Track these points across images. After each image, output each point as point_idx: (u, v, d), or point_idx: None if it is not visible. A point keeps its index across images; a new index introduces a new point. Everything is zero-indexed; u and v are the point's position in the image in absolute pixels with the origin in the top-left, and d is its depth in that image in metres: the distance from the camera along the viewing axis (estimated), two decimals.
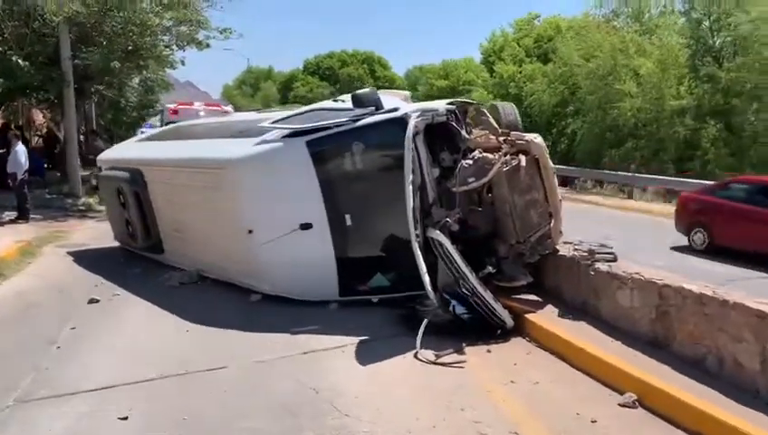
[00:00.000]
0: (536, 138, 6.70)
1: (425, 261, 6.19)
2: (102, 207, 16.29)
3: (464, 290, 6.24)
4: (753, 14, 22.01)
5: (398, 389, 5.02)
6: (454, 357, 5.68)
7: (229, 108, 19.82)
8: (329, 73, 60.55)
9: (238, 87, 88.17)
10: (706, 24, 25.17)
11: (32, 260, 9.84)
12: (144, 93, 26.22)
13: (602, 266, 6.17)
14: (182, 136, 9.58)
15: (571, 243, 7.08)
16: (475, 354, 5.78)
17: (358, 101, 7.00)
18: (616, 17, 27.78)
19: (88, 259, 10.03)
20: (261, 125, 7.42)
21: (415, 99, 11.11)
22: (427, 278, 6.08)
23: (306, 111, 7.62)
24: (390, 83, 61.89)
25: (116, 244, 10.87)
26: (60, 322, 6.74)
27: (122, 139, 18.72)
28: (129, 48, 17.02)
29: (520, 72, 32.13)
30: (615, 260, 6.31)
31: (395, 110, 6.96)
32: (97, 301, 7.55)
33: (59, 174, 18.99)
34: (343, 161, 6.86)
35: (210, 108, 19.30)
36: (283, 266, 7.17)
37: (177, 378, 5.25)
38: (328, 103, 8.12)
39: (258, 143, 7.20)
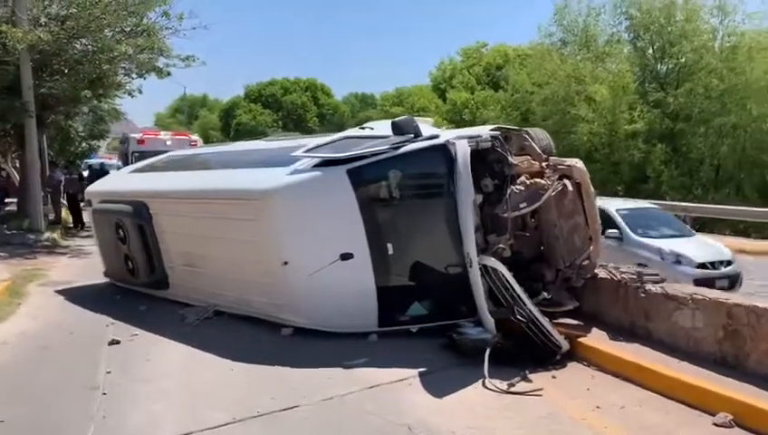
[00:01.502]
0: (578, 162, 6.79)
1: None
2: (68, 242, 15.75)
3: (518, 317, 6.19)
4: (695, 44, 23.36)
5: (491, 421, 4.90)
6: (526, 385, 5.62)
7: (195, 137, 19.35)
8: (271, 101, 60.10)
9: (172, 115, 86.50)
10: (650, 52, 26.46)
11: (21, 301, 9.20)
12: (94, 123, 25.29)
13: (655, 288, 6.26)
14: (190, 166, 9.24)
15: (603, 266, 7.19)
16: (542, 381, 5.73)
17: (397, 129, 6.92)
18: (564, 46, 28.79)
19: (82, 297, 9.45)
20: (293, 154, 7.22)
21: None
22: (485, 305, 6.01)
23: (338, 140, 7.47)
24: (334, 111, 62.19)
25: (103, 280, 10.35)
26: (87, 365, 6.32)
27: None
28: (94, 76, 16.39)
29: (473, 99, 32.81)
30: (663, 281, 6.42)
31: (435, 137, 6.92)
32: (118, 342, 7.11)
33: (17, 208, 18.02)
34: (385, 189, 6.73)
35: (177, 137, 18.78)
36: (319, 298, 6.96)
37: (253, 421, 4.97)
38: (355, 131, 8.00)
39: (293, 172, 7.00)
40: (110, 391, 5.61)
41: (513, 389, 5.53)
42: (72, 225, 18.50)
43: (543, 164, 6.73)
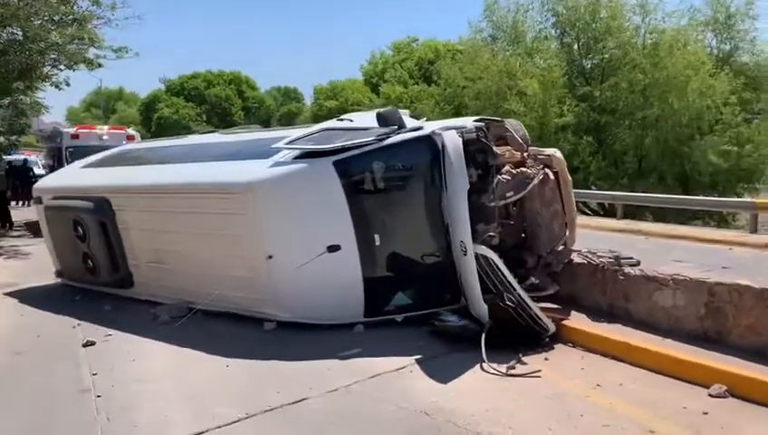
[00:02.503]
0: (557, 152, 7.04)
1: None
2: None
3: (508, 302, 6.36)
4: (620, 40, 24.44)
5: (505, 403, 5.02)
6: (523, 368, 5.79)
7: (132, 132, 18.58)
8: (194, 94, 58.49)
9: (86, 109, 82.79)
10: (575, 47, 27.46)
11: None
12: (14, 117, 23.87)
13: (633, 271, 6.57)
14: (153, 160, 8.93)
15: (577, 251, 7.47)
16: (536, 363, 5.92)
17: (382, 120, 6.95)
18: (494, 41, 29.43)
19: (36, 299, 8.99)
20: (273, 146, 7.12)
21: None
22: (479, 292, 6.15)
23: (318, 131, 7.41)
24: (260, 104, 61.19)
25: (54, 280, 9.88)
26: (68, 368, 6.09)
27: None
28: (24, 67, 15.52)
29: (406, 94, 33.09)
30: (638, 264, 6.75)
31: (420, 128, 6.99)
32: (93, 343, 6.83)
33: None
34: (371, 180, 6.75)
35: (114, 132, 18.00)
36: (304, 291, 6.92)
37: (267, 416, 4.90)
38: (335, 123, 7.94)
39: (275, 164, 6.91)
40: (103, 393, 5.40)
41: (512, 371, 5.69)
42: None
43: (524, 154, 6.93)
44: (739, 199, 20.33)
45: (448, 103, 29.58)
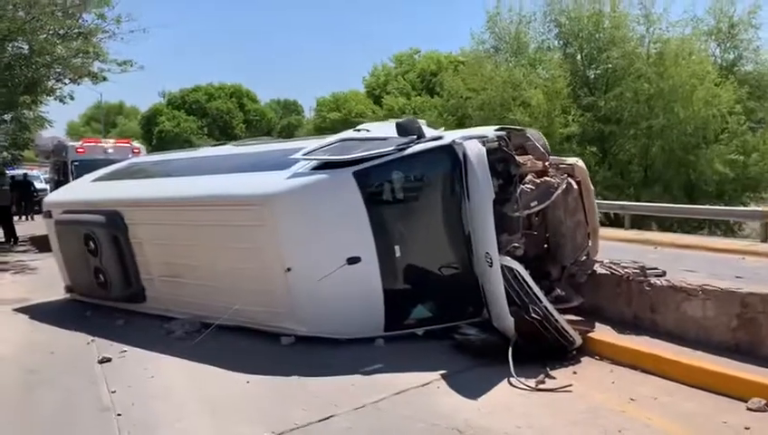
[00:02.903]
0: (578, 161, 6.94)
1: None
2: (5, 258, 14.70)
3: (534, 314, 6.23)
4: (625, 50, 24.44)
5: (540, 419, 4.89)
6: (552, 382, 5.66)
7: (137, 145, 18.49)
8: (195, 107, 58.46)
9: (86, 123, 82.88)
10: (579, 58, 27.46)
11: None
12: (17, 132, 23.79)
13: (660, 281, 6.45)
14: (165, 173, 8.82)
15: (599, 262, 7.35)
16: (564, 377, 5.79)
17: (402, 130, 6.86)
18: (497, 53, 29.45)
19: (47, 315, 8.87)
20: (291, 157, 7.02)
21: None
22: (506, 305, 6.02)
23: (335, 142, 7.31)
24: (261, 117, 61.15)
25: (63, 296, 9.76)
26: (86, 386, 5.95)
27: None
28: (30, 81, 15.47)
29: (409, 105, 33.06)
30: (664, 275, 6.63)
31: (440, 137, 6.89)
32: (109, 360, 6.70)
33: None
34: (392, 191, 6.65)
35: (119, 145, 17.90)
36: (323, 305, 6.79)
37: (298, 432, 4.76)
38: (349, 133, 7.85)
39: (294, 175, 6.81)
40: (124, 411, 5.26)
41: (541, 386, 5.55)
42: (3, 239, 17.34)
43: (546, 163, 6.83)
44: (752, 208, 20.10)
45: (451, 114, 29.54)
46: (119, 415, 5.18)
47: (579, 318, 6.96)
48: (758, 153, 23.29)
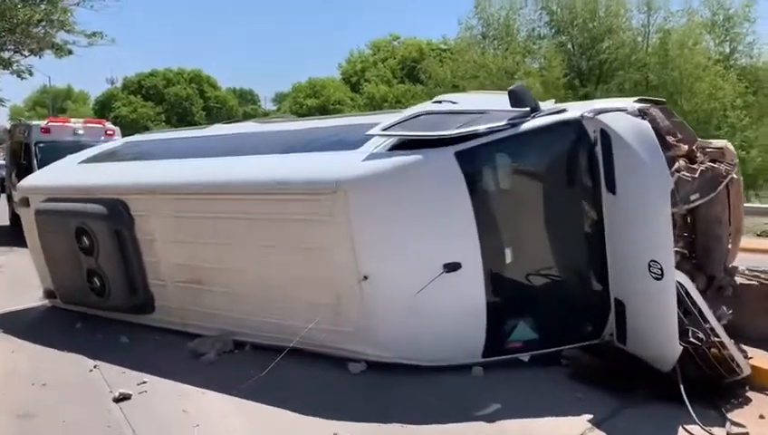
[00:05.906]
0: (728, 144, 5.57)
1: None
2: None
3: (692, 338, 4.83)
4: (624, 39, 23.52)
5: None
6: (740, 429, 4.29)
7: (110, 126, 16.38)
8: (153, 93, 55.50)
9: (31, 108, 78.58)
10: (570, 47, 26.46)
11: None
12: None
13: None
14: (183, 153, 7.10)
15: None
16: (750, 421, 4.43)
17: (516, 99, 5.33)
18: (484, 39, 28.23)
19: (24, 329, 7.09)
20: (367, 133, 5.45)
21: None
22: (676, 328, 4.58)
23: (414, 116, 5.74)
24: (222, 103, 58.54)
25: (40, 302, 7.97)
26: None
27: None
28: None
29: (391, 93, 31.54)
30: None
31: (563, 110, 5.40)
32: (128, 396, 5.03)
33: None
34: (504, 178, 5.16)
35: (90, 125, 15.83)
36: (407, 323, 5.26)
37: None
38: (429, 106, 6.32)
39: (370, 157, 5.24)
40: None
41: None
42: None
43: (694, 146, 5.40)
44: None
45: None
46: None
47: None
48: (758, 148, 22.74)
